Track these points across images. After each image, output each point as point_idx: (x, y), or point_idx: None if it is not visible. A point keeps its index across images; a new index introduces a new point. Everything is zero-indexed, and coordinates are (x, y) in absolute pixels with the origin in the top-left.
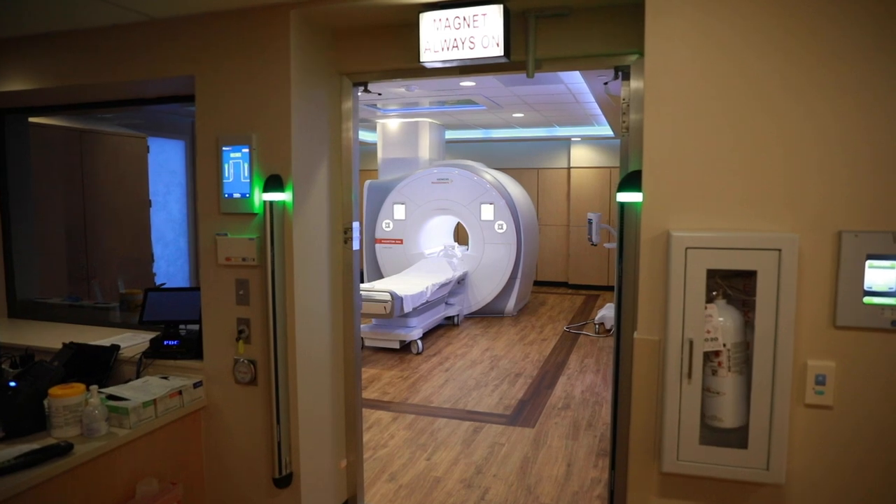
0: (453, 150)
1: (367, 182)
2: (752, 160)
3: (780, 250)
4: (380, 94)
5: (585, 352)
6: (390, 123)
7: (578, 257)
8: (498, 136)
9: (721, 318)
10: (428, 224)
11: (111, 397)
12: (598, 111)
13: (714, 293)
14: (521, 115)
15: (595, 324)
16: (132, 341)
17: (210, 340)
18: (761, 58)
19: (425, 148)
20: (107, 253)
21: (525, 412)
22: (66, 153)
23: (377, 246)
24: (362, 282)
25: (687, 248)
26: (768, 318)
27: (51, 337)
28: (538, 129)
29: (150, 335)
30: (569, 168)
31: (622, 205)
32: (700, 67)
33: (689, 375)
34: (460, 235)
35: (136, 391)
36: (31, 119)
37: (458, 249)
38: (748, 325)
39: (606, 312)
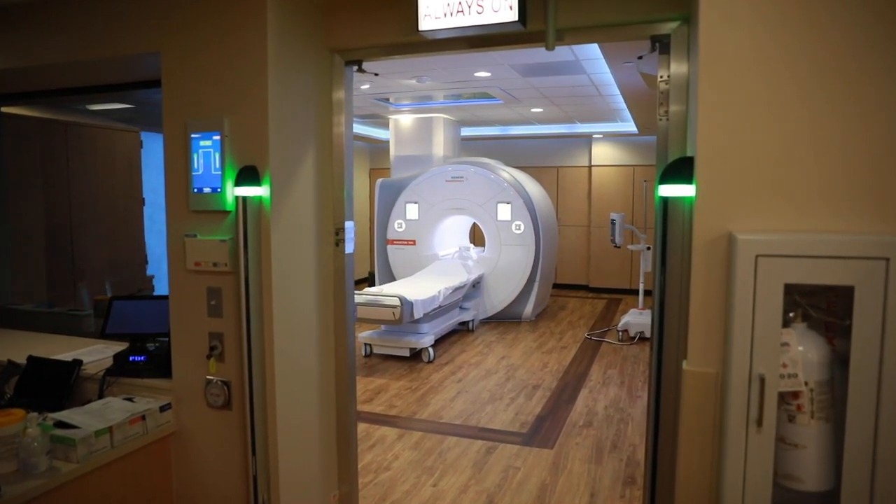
0: (469, 147)
1: (379, 180)
2: (844, 140)
3: (887, 259)
4: (377, 75)
5: (608, 361)
6: (403, 119)
7: (600, 259)
8: (516, 133)
9: (801, 348)
10: (442, 224)
11: (60, 424)
12: (623, 105)
13: (791, 314)
14: (539, 110)
15: (618, 331)
16: (102, 354)
17: (179, 357)
18: (860, 7)
19: (439, 145)
20: (96, 254)
21: (543, 430)
22: (50, 147)
23: (389, 247)
24: (372, 285)
25: (758, 256)
26: (869, 350)
27: (14, 349)
28: (558, 126)
29: (122, 347)
30: (590, 166)
31: (665, 200)
32: (771, 22)
33: (759, 422)
34: (477, 236)
35: (92, 416)
36: (3, 109)
37: (474, 251)
38: (836, 356)
39: (630, 318)
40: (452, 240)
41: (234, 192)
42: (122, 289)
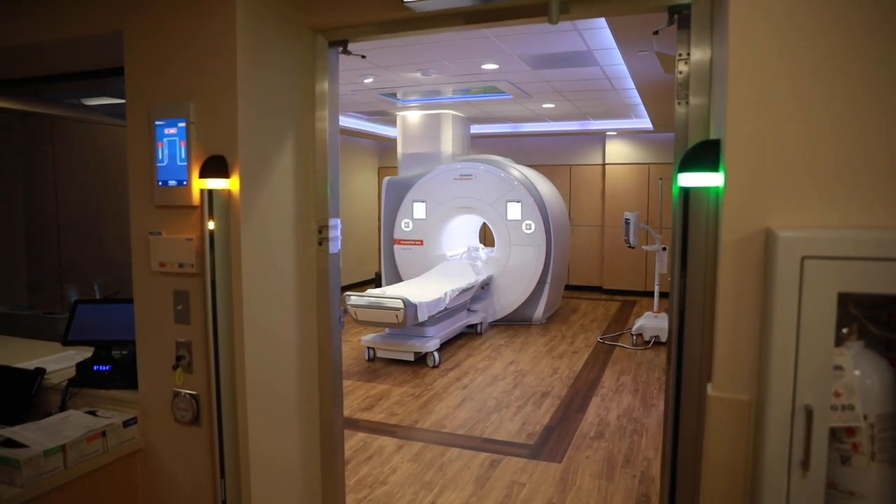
0: (480, 145)
1: (386, 178)
2: None
3: None
4: (363, 57)
5: (621, 367)
6: (411, 116)
7: (614, 260)
8: (527, 131)
9: (858, 372)
10: (450, 224)
11: (8, 442)
12: (637, 100)
13: (845, 330)
14: (551, 105)
15: (632, 335)
16: (70, 362)
17: (145, 367)
18: None
19: (448, 142)
20: (86, 254)
21: (551, 442)
22: (33, 141)
23: (396, 247)
24: (379, 286)
25: (804, 258)
26: None
27: None
28: (570, 123)
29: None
30: (604, 164)
31: (685, 191)
32: None
33: (805, 464)
34: (487, 236)
35: (46, 433)
36: None
37: (483, 251)
38: None
39: (645, 322)
40: (461, 240)
41: (199, 184)
42: (111, 290)
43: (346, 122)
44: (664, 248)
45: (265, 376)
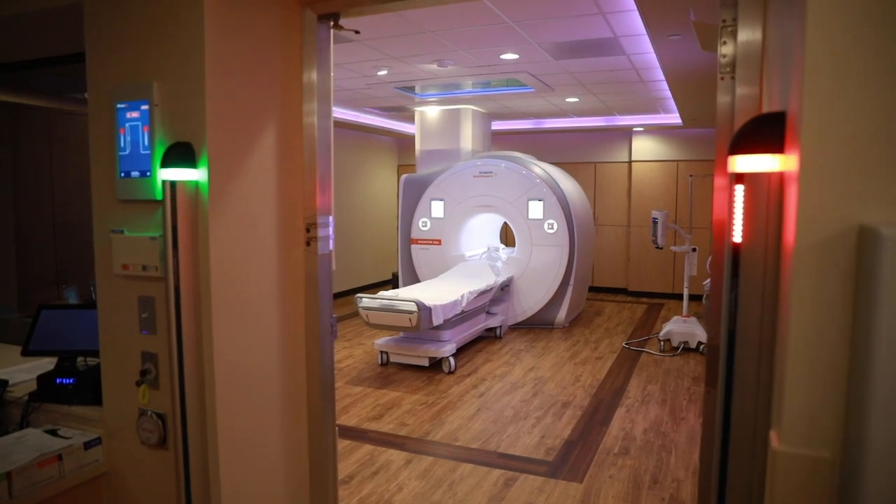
0: (501, 142)
1: (403, 176)
2: None
3: None
4: (357, 32)
5: (648, 375)
6: (429, 111)
7: (640, 261)
8: (550, 127)
9: None
10: (469, 223)
11: None
12: (666, 93)
13: None
14: (575, 99)
15: (660, 340)
16: (42, 371)
17: (110, 381)
18: None
19: (468, 138)
20: (86, 254)
21: (572, 459)
22: (29, 136)
23: (413, 247)
24: (395, 287)
25: None
26: None
27: None
28: (595, 118)
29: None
30: (630, 161)
31: (738, 178)
32: None
33: None
34: (508, 236)
35: None
36: None
37: (503, 252)
38: None
39: (673, 326)
40: (480, 239)
41: (161, 175)
42: None
43: (363, 118)
44: (694, 249)
45: (240, 394)
